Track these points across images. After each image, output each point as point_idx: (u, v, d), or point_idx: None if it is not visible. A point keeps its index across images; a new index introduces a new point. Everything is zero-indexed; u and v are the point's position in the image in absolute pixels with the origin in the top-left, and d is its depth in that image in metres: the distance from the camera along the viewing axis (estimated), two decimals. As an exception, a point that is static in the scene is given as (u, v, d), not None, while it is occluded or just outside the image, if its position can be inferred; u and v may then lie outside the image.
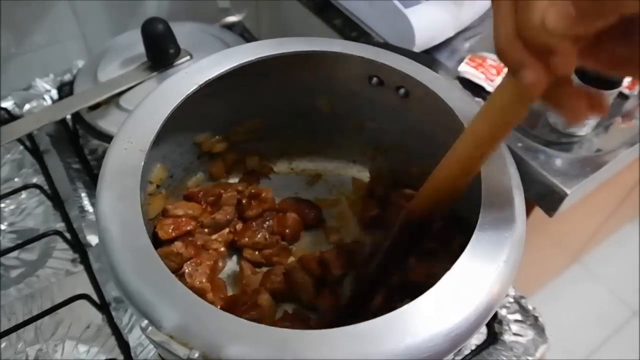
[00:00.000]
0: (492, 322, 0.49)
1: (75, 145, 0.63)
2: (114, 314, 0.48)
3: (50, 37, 0.73)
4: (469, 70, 0.70)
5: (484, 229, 0.33)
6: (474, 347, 0.48)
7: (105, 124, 0.59)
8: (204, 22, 0.72)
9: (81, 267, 0.52)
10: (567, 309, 1.32)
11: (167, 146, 0.45)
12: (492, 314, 0.31)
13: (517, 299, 0.51)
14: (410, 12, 0.66)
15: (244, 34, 0.78)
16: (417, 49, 0.67)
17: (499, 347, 0.48)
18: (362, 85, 0.49)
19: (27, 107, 0.66)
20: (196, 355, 0.28)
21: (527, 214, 0.37)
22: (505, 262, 0.32)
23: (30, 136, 0.63)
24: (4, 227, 0.56)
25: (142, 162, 0.37)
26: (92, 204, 0.57)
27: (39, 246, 0.54)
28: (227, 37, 0.69)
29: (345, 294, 0.46)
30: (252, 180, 0.56)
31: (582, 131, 0.63)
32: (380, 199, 0.52)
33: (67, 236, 0.53)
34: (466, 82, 0.69)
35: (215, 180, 0.54)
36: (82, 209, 0.56)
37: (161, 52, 0.61)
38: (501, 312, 0.50)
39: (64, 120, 0.63)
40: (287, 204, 0.53)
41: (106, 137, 0.59)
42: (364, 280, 0.44)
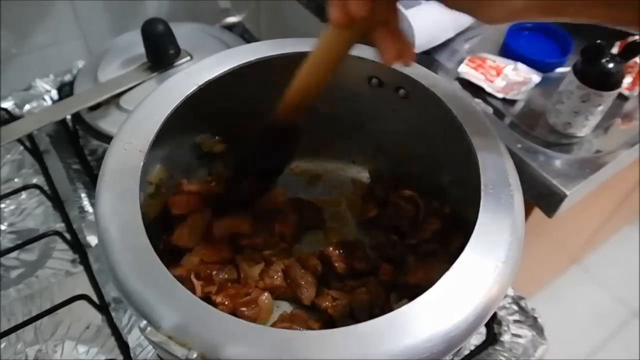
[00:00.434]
0: (492, 322, 0.49)
1: (75, 145, 0.63)
2: (113, 314, 0.48)
3: (50, 38, 0.74)
4: (468, 71, 0.70)
5: (483, 230, 0.33)
6: (473, 347, 0.48)
7: (105, 124, 0.59)
8: (204, 23, 0.72)
9: (81, 268, 0.52)
10: (567, 310, 1.32)
11: (166, 147, 0.45)
12: (491, 314, 0.31)
13: (517, 300, 0.51)
14: (410, 13, 0.66)
15: (244, 34, 0.78)
16: (417, 50, 0.67)
17: (498, 347, 0.48)
18: (361, 86, 0.49)
19: (27, 107, 0.67)
20: (195, 355, 0.28)
21: (526, 215, 0.37)
22: (504, 262, 0.32)
23: (30, 136, 0.63)
24: (4, 228, 0.56)
25: (142, 163, 0.38)
26: (92, 205, 0.57)
27: (38, 247, 0.54)
28: (227, 38, 0.69)
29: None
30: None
31: (582, 132, 0.63)
32: (379, 199, 0.52)
33: (67, 237, 0.53)
34: (466, 83, 0.69)
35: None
36: (82, 210, 0.56)
37: (161, 53, 0.61)
38: (500, 313, 0.50)
39: (64, 120, 0.63)
40: (287, 205, 0.53)
41: (106, 138, 0.59)
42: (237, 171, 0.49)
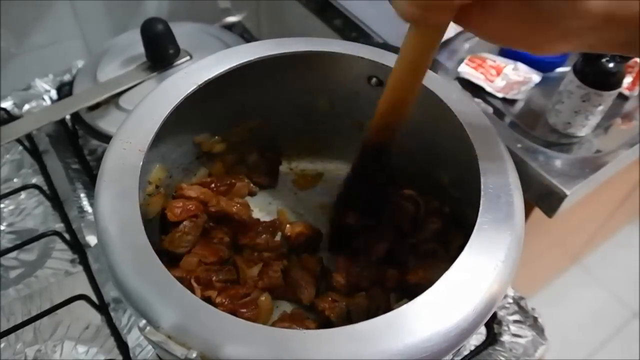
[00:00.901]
0: (492, 322, 0.49)
1: (74, 145, 0.63)
2: (112, 314, 0.48)
3: (50, 37, 0.73)
4: (468, 70, 0.70)
5: (483, 229, 0.33)
6: (473, 347, 0.48)
7: (104, 124, 0.59)
8: (204, 23, 0.72)
9: (80, 268, 0.52)
10: (567, 311, 1.32)
11: (166, 146, 0.45)
12: (491, 314, 0.31)
13: (517, 300, 0.51)
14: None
15: (243, 34, 0.78)
16: (416, 50, 0.67)
17: (498, 347, 0.48)
18: (361, 85, 0.49)
19: (26, 107, 0.67)
20: (194, 355, 0.28)
21: (526, 214, 0.37)
22: (503, 262, 0.32)
23: (29, 136, 0.63)
24: (3, 228, 0.56)
25: (141, 162, 0.37)
26: (92, 205, 0.56)
27: (38, 247, 0.54)
28: (227, 38, 0.69)
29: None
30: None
31: (582, 132, 0.63)
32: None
33: (66, 237, 0.53)
34: (466, 83, 0.69)
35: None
36: (81, 210, 0.56)
37: (161, 53, 0.61)
38: (500, 313, 0.50)
39: (63, 120, 0.63)
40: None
41: (106, 138, 0.59)
42: (337, 208, 0.50)
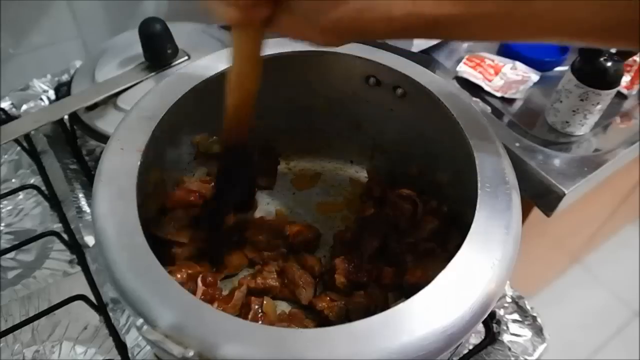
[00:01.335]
0: (490, 321, 0.49)
1: (72, 145, 0.63)
2: (111, 314, 0.48)
3: (48, 38, 0.73)
4: (467, 70, 0.70)
5: (480, 228, 0.33)
6: (472, 346, 0.48)
7: (102, 124, 0.59)
8: (202, 23, 0.72)
9: (78, 268, 0.52)
10: (568, 311, 1.32)
11: (163, 146, 0.45)
12: (488, 312, 0.31)
13: (516, 299, 0.51)
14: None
15: (242, 34, 0.78)
16: (415, 49, 0.67)
17: (497, 346, 0.48)
18: (359, 85, 0.49)
19: (24, 107, 0.66)
20: (191, 354, 0.28)
21: (525, 214, 0.37)
22: (500, 260, 0.32)
23: (27, 137, 0.63)
24: (1, 228, 0.56)
25: (139, 163, 0.38)
26: (90, 205, 0.56)
27: (36, 247, 0.54)
28: (225, 37, 0.69)
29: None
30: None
31: (580, 131, 0.63)
32: (378, 198, 0.52)
33: (65, 237, 0.53)
34: (464, 82, 0.69)
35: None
36: (79, 210, 0.56)
37: (159, 53, 0.61)
38: (499, 312, 0.50)
39: (61, 120, 0.63)
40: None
41: (104, 138, 0.59)
42: (210, 208, 0.48)
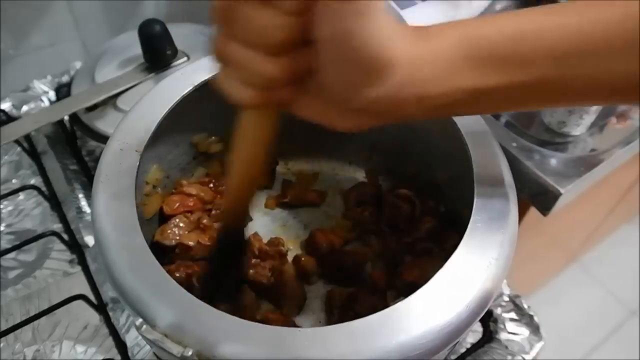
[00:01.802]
0: (488, 320, 0.50)
1: (72, 146, 0.63)
2: (111, 314, 0.49)
3: (48, 39, 0.74)
4: (464, 70, 0.70)
5: (476, 228, 0.34)
6: (469, 345, 0.48)
7: (102, 125, 0.59)
8: (202, 24, 0.72)
9: (78, 268, 0.52)
10: (565, 310, 1.33)
11: (163, 147, 0.45)
12: (485, 311, 0.31)
13: (513, 298, 0.51)
14: (406, 13, 0.66)
15: (241, 35, 0.78)
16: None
17: (494, 345, 0.48)
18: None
19: (24, 108, 0.67)
20: (190, 353, 0.28)
21: (522, 213, 0.37)
22: (496, 259, 0.32)
23: (27, 137, 0.63)
24: (2, 228, 0.56)
25: (138, 163, 0.38)
26: (90, 205, 0.57)
27: (36, 247, 0.54)
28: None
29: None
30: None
31: (577, 131, 0.63)
32: (376, 198, 0.53)
33: (65, 237, 0.53)
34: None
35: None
36: (79, 210, 0.56)
37: (158, 54, 0.61)
38: (496, 311, 0.50)
39: (61, 121, 0.63)
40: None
41: (103, 138, 0.59)
42: (205, 286, 0.42)
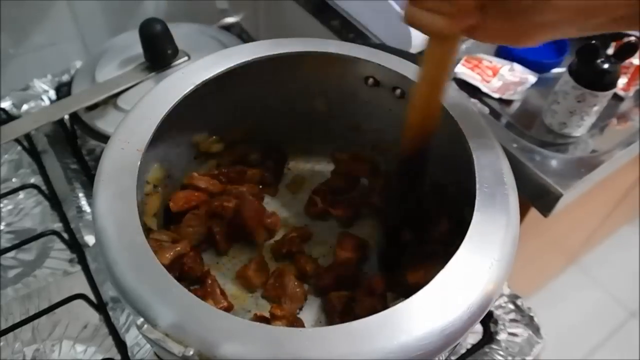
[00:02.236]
0: (488, 321, 0.50)
1: (72, 145, 0.63)
2: (111, 314, 0.48)
3: (48, 38, 0.74)
4: (465, 71, 0.70)
5: (478, 228, 0.34)
6: (469, 346, 0.48)
7: (103, 124, 0.59)
8: (202, 23, 0.72)
9: (78, 267, 0.52)
10: (565, 311, 1.33)
11: (164, 146, 0.45)
12: (486, 312, 0.31)
13: (513, 299, 0.51)
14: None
15: (241, 35, 0.78)
16: (413, 50, 0.67)
17: (494, 346, 0.48)
18: (358, 86, 0.49)
19: (25, 107, 0.67)
20: (191, 353, 0.28)
21: (523, 214, 0.37)
22: (498, 260, 0.32)
23: (28, 136, 0.63)
24: (2, 227, 0.56)
25: (139, 162, 0.38)
26: (90, 204, 0.57)
27: (36, 246, 0.54)
28: (225, 38, 0.69)
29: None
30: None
31: (577, 132, 0.63)
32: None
33: (65, 236, 0.53)
34: (462, 83, 0.70)
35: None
36: (79, 209, 0.56)
37: (159, 53, 0.61)
38: (497, 312, 0.50)
39: (61, 120, 0.63)
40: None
41: (104, 138, 0.59)
42: (389, 227, 0.48)
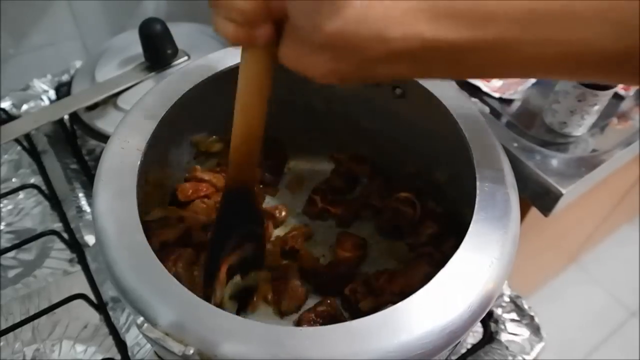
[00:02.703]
0: (488, 321, 0.50)
1: (72, 145, 0.63)
2: (111, 313, 0.49)
3: (48, 38, 0.74)
4: (465, 71, 0.70)
5: (478, 227, 0.33)
6: (470, 346, 0.48)
7: (102, 124, 0.59)
8: (202, 23, 0.72)
9: (78, 267, 0.52)
10: (565, 310, 1.33)
11: (163, 146, 0.45)
12: (486, 311, 0.31)
13: (513, 299, 0.51)
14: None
15: (241, 34, 0.78)
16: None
17: (495, 346, 0.48)
18: (358, 85, 0.49)
19: (24, 107, 0.67)
20: (191, 352, 0.28)
21: (523, 214, 0.37)
22: (498, 259, 0.32)
23: (27, 136, 0.63)
24: (2, 227, 0.56)
25: (139, 162, 0.38)
26: (90, 204, 0.57)
27: (36, 246, 0.54)
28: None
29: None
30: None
31: (578, 131, 0.63)
32: (375, 198, 0.53)
33: (65, 236, 0.53)
34: (462, 82, 0.69)
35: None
36: (79, 209, 0.56)
37: (159, 53, 0.61)
38: (497, 312, 0.50)
39: (61, 120, 0.63)
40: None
41: (104, 138, 0.59)
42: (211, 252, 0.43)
